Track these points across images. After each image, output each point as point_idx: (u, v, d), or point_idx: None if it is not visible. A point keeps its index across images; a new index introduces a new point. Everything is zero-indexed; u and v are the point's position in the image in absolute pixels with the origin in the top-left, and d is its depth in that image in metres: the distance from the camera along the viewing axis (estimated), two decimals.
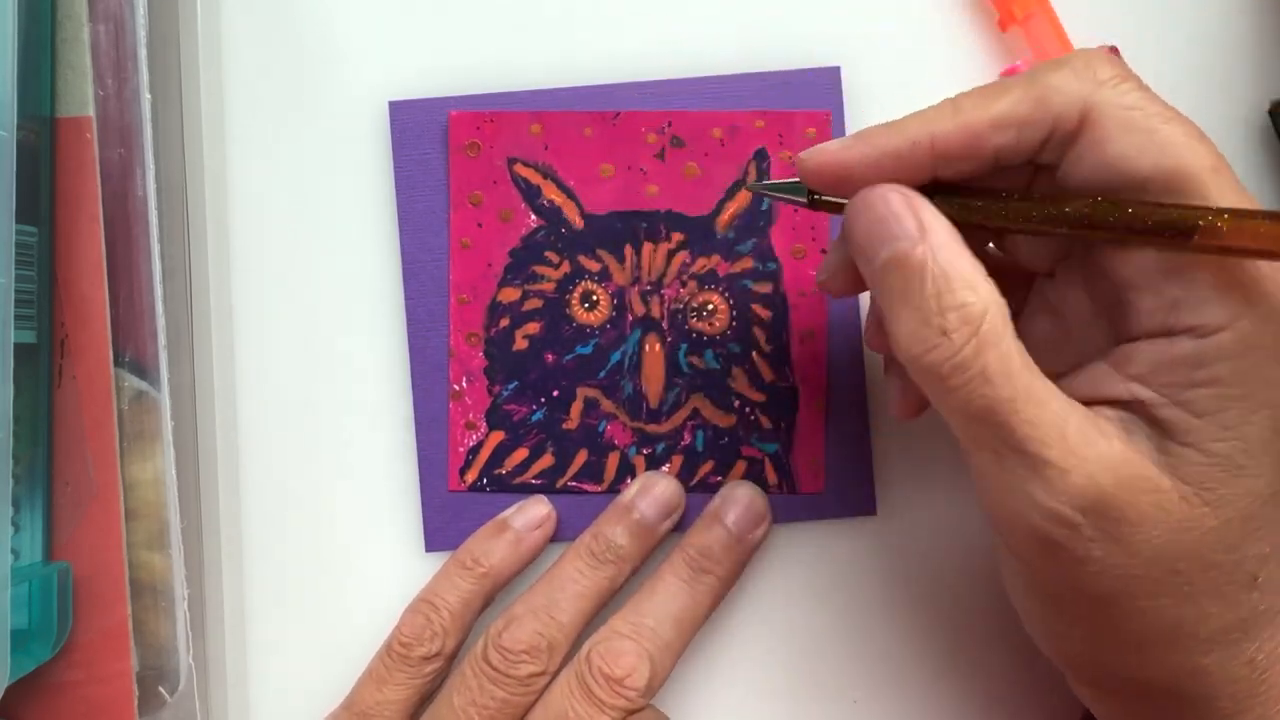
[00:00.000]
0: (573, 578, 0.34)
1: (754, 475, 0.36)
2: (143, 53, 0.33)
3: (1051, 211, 0.27)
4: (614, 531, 0.34)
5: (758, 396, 0.36)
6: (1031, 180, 0.28)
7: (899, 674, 0.36)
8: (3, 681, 0.29)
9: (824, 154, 0.28)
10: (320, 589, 0.36)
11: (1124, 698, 0.29)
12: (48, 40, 0.32)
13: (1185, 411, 0.25)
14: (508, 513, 0.35)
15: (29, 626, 0.31)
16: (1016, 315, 0.28)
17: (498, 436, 0.36)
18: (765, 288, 0.36)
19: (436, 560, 0.36)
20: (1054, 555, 0.26)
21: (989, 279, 0.26)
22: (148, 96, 0.33)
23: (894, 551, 0.36)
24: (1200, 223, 0.24)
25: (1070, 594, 0.27)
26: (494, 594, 0.35)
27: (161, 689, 0.33)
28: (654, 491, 0.35)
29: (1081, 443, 0.25)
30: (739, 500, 0.35)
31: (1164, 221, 0.25)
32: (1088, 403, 0.27)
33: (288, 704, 0.36)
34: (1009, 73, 0.36)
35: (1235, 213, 0.24)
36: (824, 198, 0.29)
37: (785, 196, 0.30)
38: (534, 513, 0.35)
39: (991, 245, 0.31)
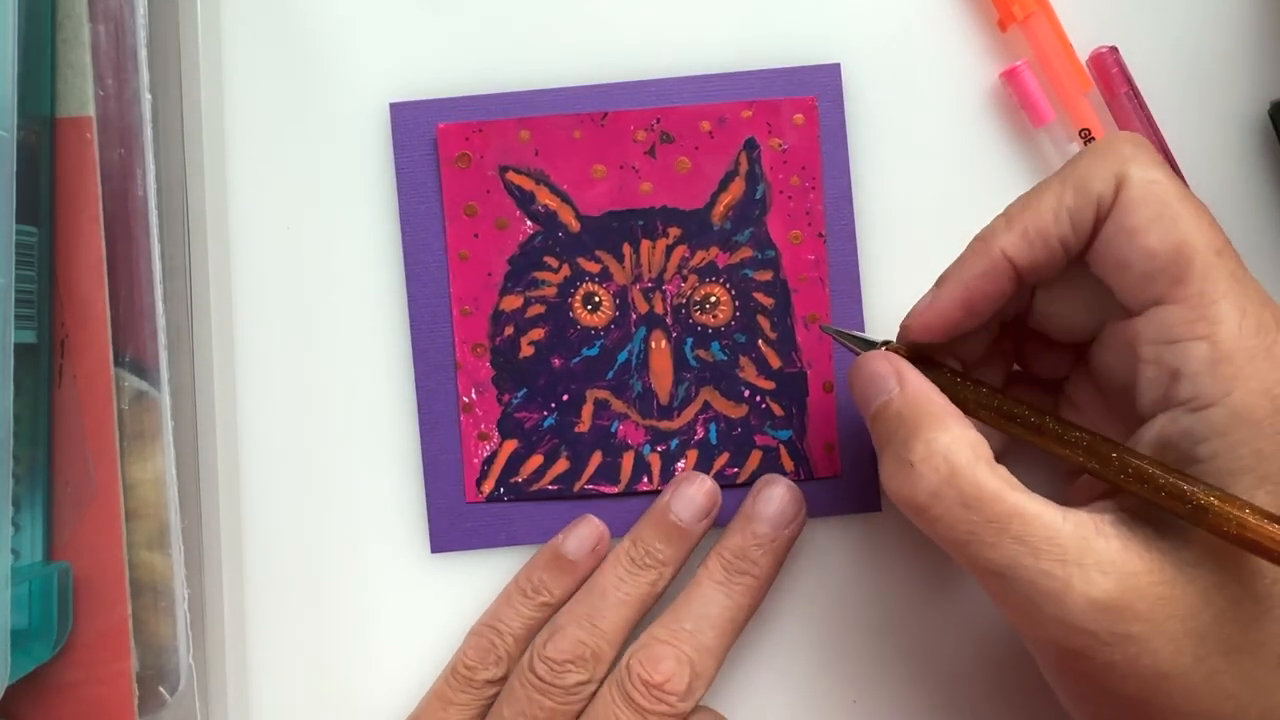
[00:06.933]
0: (614, 585, 0.34)
1: (770, 464, 0.36)
2: (143, 53, 0.33)
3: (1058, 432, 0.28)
4: (650, 536, 0.34)
5: (767, 384, 0.36)
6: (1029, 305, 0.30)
7: (899, 674, 0.36)
8: (3, 681, 0.29)
9: (921, 314, 0.30)
10: (320, 589, 0.36)
11: None
12: (48, 40, 0.32)
13: None
14: (562, 539, 0.35)
15: (29, 626, 0.31)
16: (1062, 386, 0.32)
17: (511, 445, 0.36)
18: (766, 275, 0.36)
19: (440, 561, 0.36)
20: (1081, 663, 0.26)
21: (964, 422, 0.28)
22: (148, 96, 0.33)
23: (898, 549, 0.36)
24: (1194, 504, 0.25)
25: (1103, 696, 0.27)
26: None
27: (161, 689, 0.33)
28: (687, 493, 0.35)
29: (1080, 551, 0.26)
30: (771, 498, 0.34)
31: (1172, 491, 0.26)
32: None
33: (288, 704, 0.36)
34: (1009, 73, 0.36)
35: (1223, 496, 0.25)
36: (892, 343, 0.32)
37: (851, 346, 0.33)
38: (586, 536, 0.35)
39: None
